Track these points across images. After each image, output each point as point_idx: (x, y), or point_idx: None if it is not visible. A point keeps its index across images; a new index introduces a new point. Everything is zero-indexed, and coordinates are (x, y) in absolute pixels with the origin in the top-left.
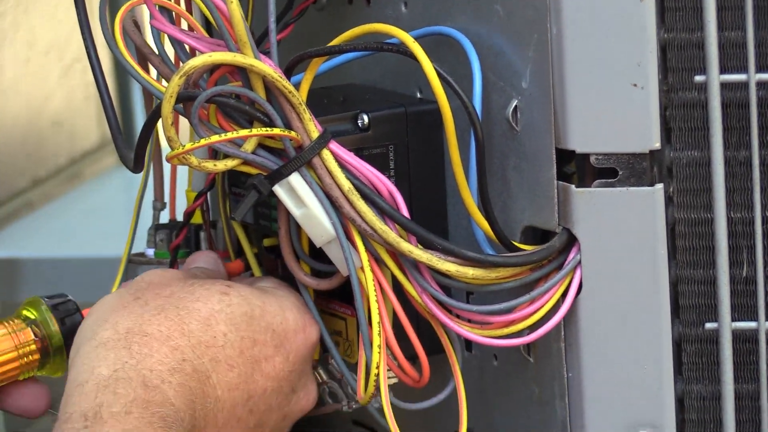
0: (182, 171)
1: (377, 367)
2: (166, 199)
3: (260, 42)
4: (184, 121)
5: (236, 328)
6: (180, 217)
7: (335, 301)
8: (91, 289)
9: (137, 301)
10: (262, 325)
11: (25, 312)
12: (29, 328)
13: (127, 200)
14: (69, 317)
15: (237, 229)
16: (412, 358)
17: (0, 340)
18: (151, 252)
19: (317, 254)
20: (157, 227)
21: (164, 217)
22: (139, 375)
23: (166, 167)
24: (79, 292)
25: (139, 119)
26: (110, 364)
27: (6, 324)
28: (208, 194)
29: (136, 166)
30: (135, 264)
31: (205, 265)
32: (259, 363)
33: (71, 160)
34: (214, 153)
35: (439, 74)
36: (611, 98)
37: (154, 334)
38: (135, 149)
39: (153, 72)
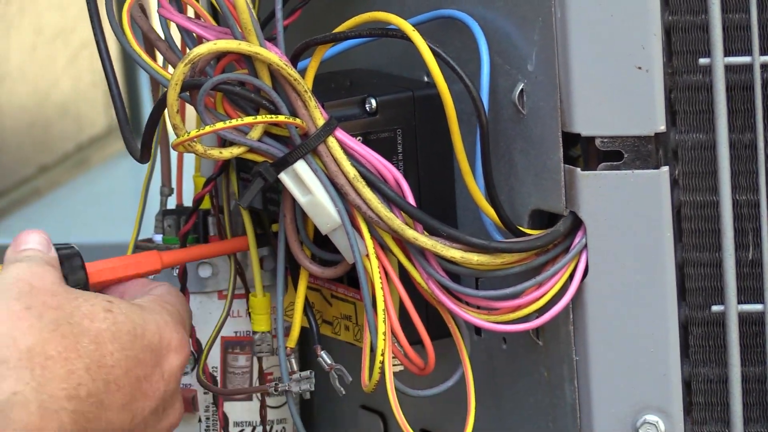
0: (189, 156)
1: (382, 355)
2: (174, 184)
3: (266, 27)
4: (193, 110)
5: (122, 347)
6: (187, 203)
7: (343, 285)
8: None
9: (30, 311)
10: (144, 344)
11: None
12: None
13: (134, 186)
14: (72, 275)
15: (243, 215)
16: (418, 343)
17: None
18: (159, 238)
19: (322, 242)
20: (164, 213)
21: (171, 203)
22: (37, 400)
23: (173, 153)
24: None
25: (147, 105)
26: (11, 385)
27: None
28: (217, 180)
29: (143, 156)
30: (143, 250)
31: (39, 246)
32: (140, 382)
33: (78, 146)
34: (222, 141)
35: (443, 59)
36: (616, 81)
37: (54, 356)
38: (142, 139)
39: (160, 59)
